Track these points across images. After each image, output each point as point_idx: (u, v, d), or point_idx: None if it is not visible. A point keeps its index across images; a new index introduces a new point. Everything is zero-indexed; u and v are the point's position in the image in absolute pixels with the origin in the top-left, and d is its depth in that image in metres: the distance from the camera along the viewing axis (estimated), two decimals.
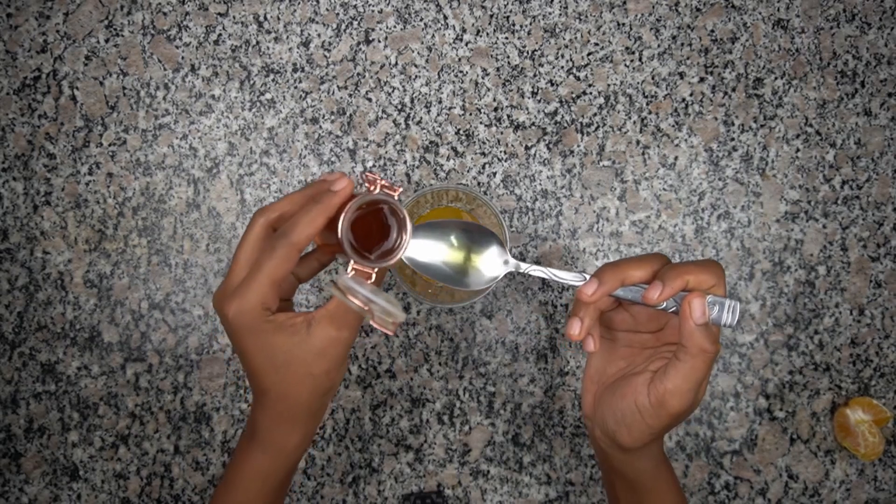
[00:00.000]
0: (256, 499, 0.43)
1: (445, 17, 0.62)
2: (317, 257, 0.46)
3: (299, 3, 0.62)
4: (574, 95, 0.62)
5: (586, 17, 0.62)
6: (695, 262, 0.41)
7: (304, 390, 0.41)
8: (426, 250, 0.43)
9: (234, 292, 0.39)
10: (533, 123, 0.62)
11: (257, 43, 0.62)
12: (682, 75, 0.62)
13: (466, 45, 0.62)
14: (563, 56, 0.62)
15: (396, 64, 0.62)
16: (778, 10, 0.63)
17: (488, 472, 0.61)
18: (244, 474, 0.43)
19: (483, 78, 0.62)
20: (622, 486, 0.47)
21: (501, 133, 0.62)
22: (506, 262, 0.45)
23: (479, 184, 0.62)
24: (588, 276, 0.43)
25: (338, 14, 0.62)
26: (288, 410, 0.41)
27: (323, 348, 0.40)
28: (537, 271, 0.44)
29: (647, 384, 0.42)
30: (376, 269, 0.41)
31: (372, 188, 0.41)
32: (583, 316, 0.43)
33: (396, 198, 0.41)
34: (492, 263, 0.45)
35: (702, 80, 0.62)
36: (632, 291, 0.42)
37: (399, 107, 0.62)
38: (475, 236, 0.45)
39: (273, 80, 0.61)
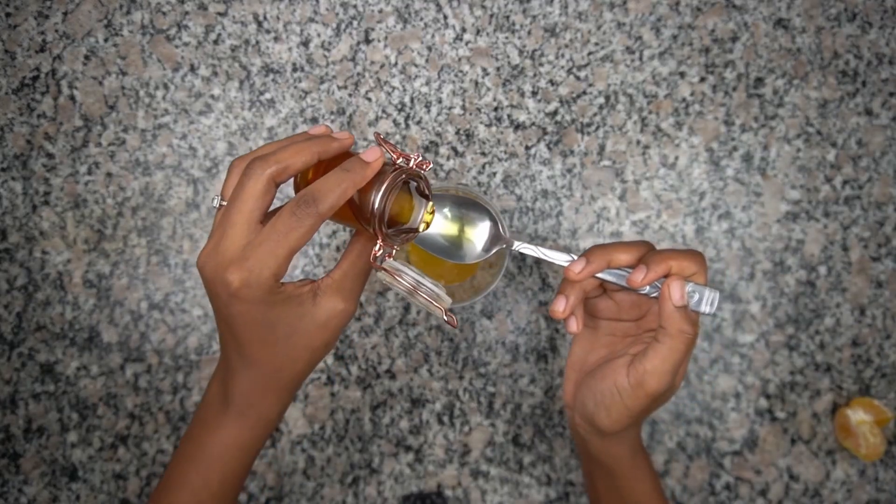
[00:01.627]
0: (238, 471, 0.41)
1: (445, 17, 0.62)
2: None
3: (299, 3, 0.62)
4: (574, 95, 0.62)
5: (586, 16, 0.62)
6: (679, 250, 0.42)
7: (301, 362, 0.39)
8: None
9: (242, 260, 0.35)
10: (533, 123, 0.62)
11: (257, 43, 0.61)
12: (682, 75, 0.62)
13: (466, 44, 0.62)
14: (563, 56, 0.62)
15: (396, 64, 0.62)
16: (779, 9, 0.62)
17: (488, 472, 0.61)
18: (222, 448, 0.40)
19: (483, 78, 0.62)
20: (600, 474, 0.47)
21: (501, 133, 0.62)
22: (497, 238, 0.45)
23: (479, 184, 0.62)
24: (576, 257, 0.43)
25: (338, 14, 0.62)
26: (279, 382, 0.40)
27: (327, 320, 0.38)
28: (528, 250, 0.44)
29: (626, 366, 0.43)
30: (397, 248, 0.39)
31: (406, 161, 0.39)
32: (568, 294, 0.43)
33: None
34: (484, 237, 0.45)
35: (702, 79, 0.62)
36: (617, 275, 0.43)
37: (399, 106, 0.62)
38: (469, 210, 0.45)
39: (273, 79, 0.61)
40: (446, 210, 0.45)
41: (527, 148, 0.62)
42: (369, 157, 0.37)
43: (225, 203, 0.37)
